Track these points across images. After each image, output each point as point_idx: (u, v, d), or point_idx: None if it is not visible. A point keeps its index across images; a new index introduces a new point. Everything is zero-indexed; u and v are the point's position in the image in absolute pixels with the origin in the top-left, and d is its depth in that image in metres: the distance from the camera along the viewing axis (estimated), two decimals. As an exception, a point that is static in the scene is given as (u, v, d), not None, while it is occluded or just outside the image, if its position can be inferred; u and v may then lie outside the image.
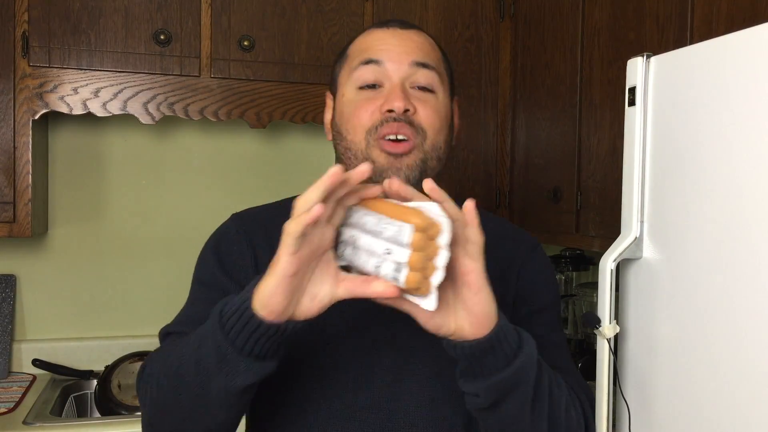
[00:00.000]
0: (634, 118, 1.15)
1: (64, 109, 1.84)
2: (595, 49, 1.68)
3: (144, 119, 1.90)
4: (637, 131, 1.14)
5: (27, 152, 1.82)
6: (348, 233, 0.79)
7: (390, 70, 0.99)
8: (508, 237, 1.11)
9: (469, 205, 0.78)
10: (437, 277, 0.74)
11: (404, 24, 1.05)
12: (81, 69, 1.84)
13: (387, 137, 0.96)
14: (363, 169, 0.76)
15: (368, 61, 1.00)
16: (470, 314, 0.79)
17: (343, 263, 0.80)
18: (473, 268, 0.77)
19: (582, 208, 1.73)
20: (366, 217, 0.77)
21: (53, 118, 2.08)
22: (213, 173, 2.28)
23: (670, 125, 1.09)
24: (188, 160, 2.26)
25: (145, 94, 1.89)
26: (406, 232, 0.72)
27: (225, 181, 2.29)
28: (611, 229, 1.55)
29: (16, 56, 1.80)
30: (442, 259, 0.74)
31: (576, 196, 1.74)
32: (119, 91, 1.87)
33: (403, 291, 0.75)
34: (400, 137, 0.96)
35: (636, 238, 1.15)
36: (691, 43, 1.30)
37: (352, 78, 1.01)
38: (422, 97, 1.00)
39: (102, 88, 1.86)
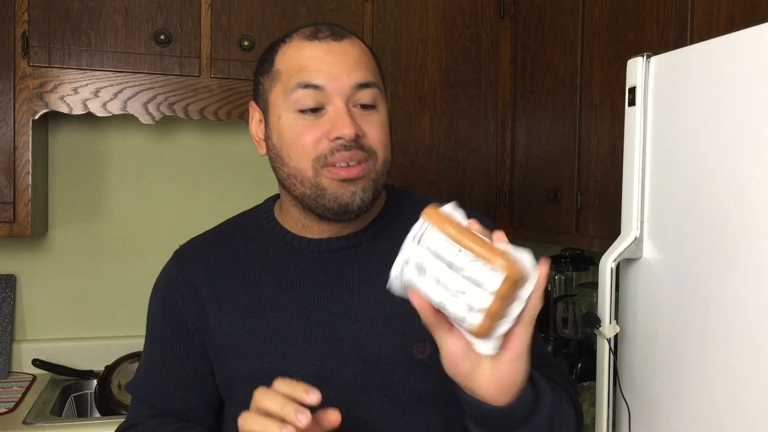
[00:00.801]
0: (634, 118, 1.15)
1: (64, 109, 1.84)
2: (595, 49, 1.68)
3: (144, 119, 1.90)
4: (637, 131, 1.14)
5: (27, 152, 1.82)
6: (415, 251, 0.72)
7: (331, 93, 0.94)
8: None
9: (543, 269, 0.72)
10: (504, 327, 0.70)
11: (336, 34, 0.98)
12: (81, 69, 1.84)
13: (338, 164, 0.93)
14: (314, 399, 0.75)
15: (306, 85, 0.93)
16: (498, 378, 0.74)
17: (400, 283, 0.73)
18: (520, 334, 0.73)
19: (582, 208, 1.73)
20: (442, 242, 0.70)
21: (53, 118, 2.08)
22: (213, 173, 2.28)
23: (670, 125, 1.09)
24: (188, 160, 2.26)
25: (145, 94, 1.89)
26: (496, 279, 0.67)
27: (225, 181, 2.29)
28: (611, 229, 1.55)
29: (16, 56, 1.80)
30: (515, 309, 0.70)
31: (576, 196, 1.74)
32: (119, 91, 1.87)
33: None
34: (351, 163, 0.93)
35: (636, 238, 1.15)
36: (691, 43, 1.30)
37: (289, 100, 0.95)
38: (367, 116, 0.96)
39: (102, 88, 1.86)
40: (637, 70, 1.14)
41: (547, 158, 1.91)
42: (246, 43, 1.93)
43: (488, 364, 0.74)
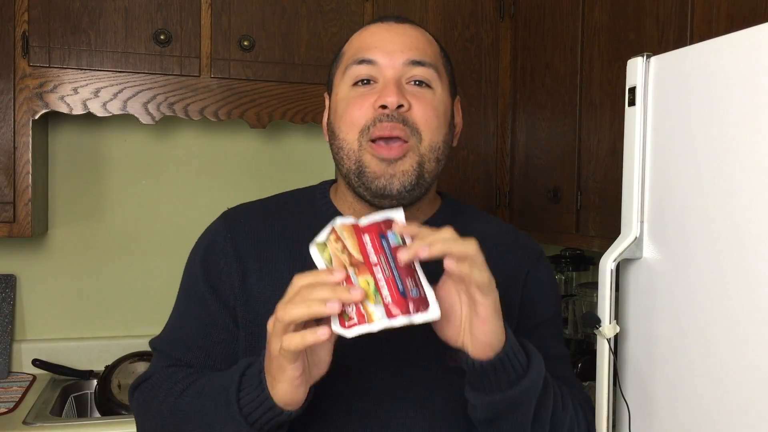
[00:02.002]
0: (634, 118, 1.15)
1: (64, 109, 1.84)
2: (595, 49, 1.68)
3: (144, 119, 1.90)
4: (637, 131, 1.14)
5: (27, 152, 1.82)
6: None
7: (384, 67, 0.95)
8: (515, 243, 1.09)
9: (471, 247, 0.79)
10: (429, 292, 0.79)
11: (400, 18, 1.01)
12: (81, 69, 1.84)
13: (379, 140, 0.93)
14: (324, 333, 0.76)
15: (362, 60, 0.96)
16: (476, 340, 0.82)
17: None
18: (483, 301, 0.80)
19: (582, 208, 1.73)
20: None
21: (53, 118, 2.08)
22: (213, 173, 2.28)
23: (670, 125, 1.09)
24: (188, 160, 2.26)
25: (145, 94, 1.89)
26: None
27: (225, 181, 2.29)
28: (611, 229, 1.55)
29: (16, 56, 1.80)
30: (419, 275, 0.79)
31: (576, 196, 1.74)
32: (119, 91, 1.87)
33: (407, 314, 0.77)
34: (393, 136, 0.93)
35: (636, 238, 1.15)
36: (691, 43, 1.30)
37: (346, 76, 0.98)
38: (418, 92, 0.96)
39: (102, 88, 1.86)
40: (637, 70, 1.14)
41: (547, 158, 1.91)
42: (246, 43, 1.93)
43: (468, 331, 0.82)
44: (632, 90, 1.15)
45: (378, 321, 0.76)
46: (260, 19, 1.95)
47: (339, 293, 0.75)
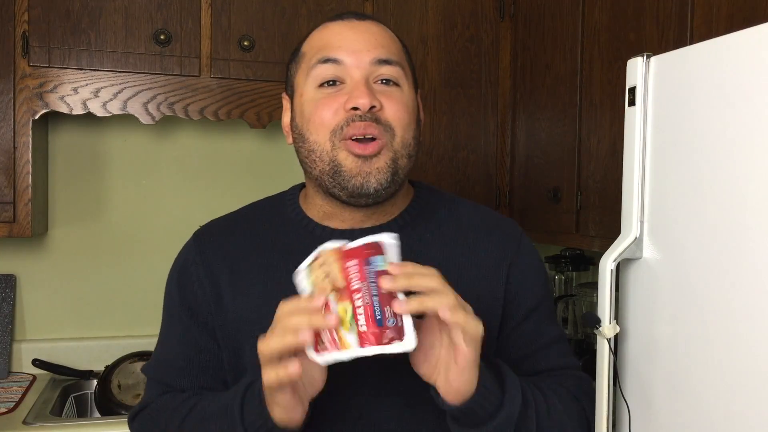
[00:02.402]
0: (634, 118, 1.15)
1: (64, 109, 1.84)
2: (595, 49, 1.68)
3: (144, 119, 1.90)
4: (637, 131, 1.14)
5: (27, 152, 1.82)
6: None
7: (350, 67, 0.94)
8: (489, 227, 1.07)
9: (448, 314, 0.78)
10: (407, 322, 0.78)
11: (360, 15, 1.00)
12: (81, 69, 1.84)
13: (353, 138, 0.92)
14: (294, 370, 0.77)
15: (326, 60, 0.94)
16: (448, 384, 0.81)
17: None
18: (464, 351, 0.79)
19: (582, 208, 1.73)
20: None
21: (53, 118, 2.08)
22: (213, 173, 2.28)
23: (670, 125, 1.09)
24: (188, 160, 2.26)
25: (145, 94, 1.89)
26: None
27: (225, 181, 2.29)
28: (611, 229, 1.55)
29: (16, 56, 1.80)
30: (398, 305, 0.78)
31: (576, 196, 1.74)
32: (119, 91, 1.87)
33: (383, 343, 0.77)
34: (367, 136, 0.92)
35: (636, 238, 1.15)
36: (691, 43, 1.30)
37: (310, 77, 0.95)
38: (387, 91, 0.95)
39: (102, 88, 1.86)
40: (637, 70, 1.14)
41: (547, 158, 1.91)
42: (246, 43, 1.93)
43: (443, 372, 0.81)
44: (632, 90, 1.15)
45: (350, 349, 0.77)
46: (260, 19, 1.95)
47: (314, 320, 0.75)
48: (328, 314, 0.76)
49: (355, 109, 0.91)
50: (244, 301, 0.98)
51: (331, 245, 0.81)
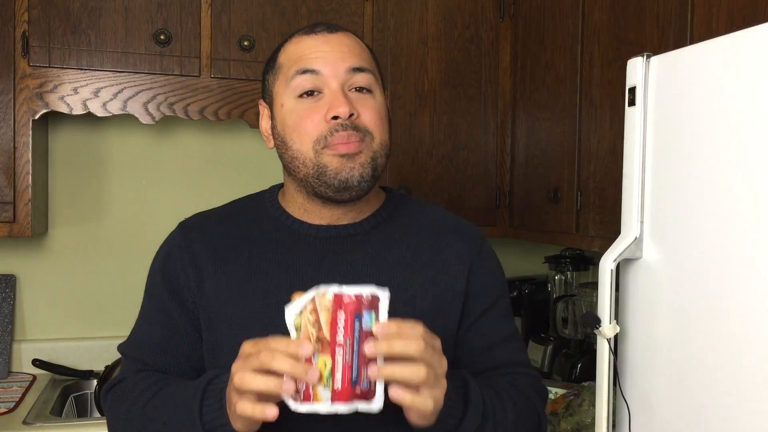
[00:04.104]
0: (634, 118, 1.15)
1: (64, 109, 1.84)
2: (595, 49, 1.68)
3: (144, 119, 1.90)
4: (637, 131, 1.14)
5: (27, 152, 1.82)
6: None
7: (327, 77, 1.01)
8: (453, 230, 1.13)
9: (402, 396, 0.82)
10: (379, 386, 0.81)
11: (331, 27, 1.06)
12: (81, 69, 1.84)
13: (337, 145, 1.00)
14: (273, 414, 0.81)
15: (304, 71, 1.01)
16: (410, 416, 0.86)
17: None
18: (420, 417, 0.85)
19: (582, 208, 1.73)
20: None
21: (53, 118, 2.08)
22: (213, 173, 2.28)
23: (670, 125, 1.09)
24: (188, 160, 2.26)
25: (145, 94, 1.89)
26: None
27: (225, 181, 2.28)
28: (611, 229, 1.55)
29: (16, 56, 1.80)
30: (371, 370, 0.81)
31: (576, 196, 1.74)
32: (119, 91, 1.87)
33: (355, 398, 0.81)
34: (350, 143, 0.99)
35: (636, 238, 1.15)
36: (691, 43, 1.30)
37: (289, 87, 1.02)
38: (362, 99, 1.02)
39: (102, 88, 1.86)
40: (637, 70, 1.14)
41: (547, 158, 1.91)
42: (246, 43, 1.93)
43: (410, 412, 0.85)
44: (632, 90, 1.15)
45: (323, 404, 0.80)
46: (260, 19, 1.95)
47: (297, 371, 0.79)
48: (310, 369, 0.80)
49: (335, 117, 0.98)
50: (226, 290, 1.04)
51: (325, 289, 0.83)
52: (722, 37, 1.00)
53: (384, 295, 0.83)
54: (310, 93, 1.01)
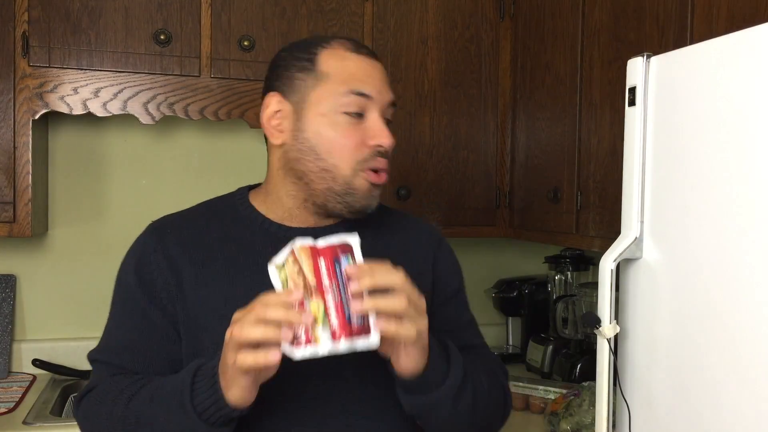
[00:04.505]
0: (634, 118, 1.15)
1: (64, 109, 1.84)
2: (595, 49, 1.68)
3: (144, 119, 1.90)
4: (637, 131, 1.14)
5: (27, 152, 1.82)
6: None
7: (374, 104, 1.06)
8: (416, 233, 1.21)
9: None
10: (372, 320, 0.86)
11: (372, 53, 1.11)
12: (81, 69, 1.84)
13: (372, 168, 1.06)
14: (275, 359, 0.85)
15: (358, 93, 1.04)
16: (400, 364, 0.94)
17: None
18: (410, 348, 0.92)
19: (582, 208, 1.73)
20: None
21: (53, 118, 2.08)
22: (213, 173, 2.28)
23: (670, 125, 1.09)
24: (188, 160, 2.26)
25: (145, 94, 1.89)
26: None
27: (225, 181, 2.28)
28: (611, 229, 1.55)
29: (16, 56, 1.80)
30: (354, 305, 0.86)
31: (576, 196, 1.75)
32: (119, 91, 1.87)
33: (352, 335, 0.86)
34: (380, 170, 1.07)
35: (636, 238, 1.15)
36: (691, 43, 1.30)
37: (337, 102, 1.04)
38: (388, 129, 1.09)
39: (102, 88, 1.86)
40: (637, 70, 1.14)
41: (547, 158, 1.91)
42: (246, 43, 1.93)
43: (394, 351, 0.93)
44: (632, 90, 1.15)
45: (323, 344, 0.84)
46: (260, 19, 1.95)
47: (291, 316, 0.84)
48: (304, 312, 0.84)
49: (379, 146, 1.05)
50: (207, 290, 1.05)
51: (301, 242, 0.88)
52: (722, 37, 1.00)
53: (355, 241, 0.89)
54: (355, 114, 1.05)
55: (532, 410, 1.86)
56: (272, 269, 0.88)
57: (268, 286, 0.97)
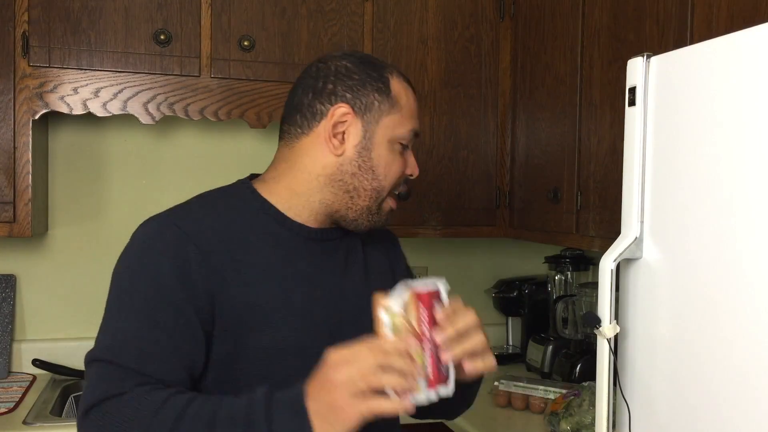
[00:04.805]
0: (634, 118, 1.15)
1: (64, 109, 1.84)
2: (595, 49, 1.68)
3: (144, 119, 1.90)
4: (637, 131, 1.14)
5: (27, 152, 1.82)
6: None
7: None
8: (386, 234, 1.29)
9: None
10: (451, 370, 0.93)
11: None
12: (81, 69, 1.84)
13: (396, 192, 1.16)
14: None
15: (416, 133, 1.17)
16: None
17: None
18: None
19: (582, 208, 1.73)
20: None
21: (53, 118, 2.08)
22: (213, 173, 2.27)
23: (670, 125, 1.09)
24: (188, 160, 2.26)
25: (145, 94, 1.89)
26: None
27: (225, 181, 2.26)
28: (611, 229, 1.55)
29: (16, 56, 1.80)
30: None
31: (576, 196, 1.75)
32: (119, 91, 1.87)
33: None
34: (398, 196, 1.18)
35: (636, 238, 1.15)
36: (691, 43, 1.30)
37: (402, 134, 1.13)
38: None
39: (102, 88, 1.86)
40: (637, 70, 1.14)
41: (547, 158, 1.91)
42: (246, 43, 1.93)
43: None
44: (632, 90, 1.15)
45: (422, 392, 0.89)
46: (260, 19, 1.95)
47: (411, 367, 0.88)
48: (416, 364, 0.89)
49: (410, 175, 1.17)
50: (248, 290, 1.03)
51: (413, 288, 0.92)
52: (722, 37, 1.00)
53: (443, 286, 0.95)
54: (405, 145, 1.15)
55: (532, 410, 1.86)
56: (384, 314, 0.91)
57: (305, 288, 1.06)
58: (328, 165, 1.09)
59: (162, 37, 1.87)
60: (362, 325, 0.98)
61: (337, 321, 1.08)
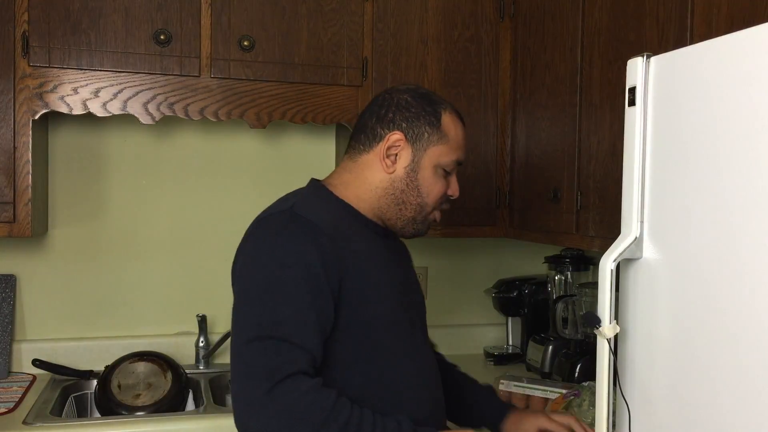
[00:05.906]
0: (634, 118, 1.15)
1: (64, 109, 1.84)
2: (595, 49, 1.68)
3: (144, 119, 1.90)
4: (637, 131, 1.14)
5: (27, 152, 1.82)
6: None
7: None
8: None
9: None
10: None
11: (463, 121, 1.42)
12: (81, 69, 1.84)
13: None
14: None
15: (459, 162, 1.38)
16: None
17: None
18: None
19: (582, 208, 1.73)
20: None
21: (53, 118, 2.08)
22: (213, 173, 2.28)
23: (670, 125, 1.09)
24: (188, 160, 2.26)
25: (145, 94, 1.89)
26: None
27: (225, 181, 2.29)
28: (611, 229, 1.55)
29: (16, 56, 1.81)
30: None
31: (576, 196, 1.74)
32: (119, 91, 1.87)
33: None
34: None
35: (636, 238, 1.15)
36: (691, 43, 1.30)
37: (446, 162, 1.35)
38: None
39: (102, 88, 1.86)
40: (637, 70, 1.14)
41: (547, 158, 1.91)
42: (246, 43, 1.93)
43: None
44: (632, 90, 1.15)
45: None
46: (260, 19, 1.95)
47: None
48: None
49: (451, 196, 1.40)
50: (363, 273, 1.27)
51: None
52: (722, 37, 1.00)
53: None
54: (449, 172, 1.37)
55: (533, 410, 1.86)
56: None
57: (391, 272, 1.33)
58: (383, 180, 1.34)
59: (162, 37, 1.87)
60: (419, 306, 1.41)
61: (408, 301, 1.36)
